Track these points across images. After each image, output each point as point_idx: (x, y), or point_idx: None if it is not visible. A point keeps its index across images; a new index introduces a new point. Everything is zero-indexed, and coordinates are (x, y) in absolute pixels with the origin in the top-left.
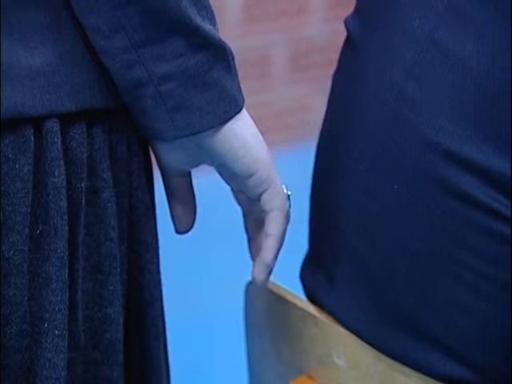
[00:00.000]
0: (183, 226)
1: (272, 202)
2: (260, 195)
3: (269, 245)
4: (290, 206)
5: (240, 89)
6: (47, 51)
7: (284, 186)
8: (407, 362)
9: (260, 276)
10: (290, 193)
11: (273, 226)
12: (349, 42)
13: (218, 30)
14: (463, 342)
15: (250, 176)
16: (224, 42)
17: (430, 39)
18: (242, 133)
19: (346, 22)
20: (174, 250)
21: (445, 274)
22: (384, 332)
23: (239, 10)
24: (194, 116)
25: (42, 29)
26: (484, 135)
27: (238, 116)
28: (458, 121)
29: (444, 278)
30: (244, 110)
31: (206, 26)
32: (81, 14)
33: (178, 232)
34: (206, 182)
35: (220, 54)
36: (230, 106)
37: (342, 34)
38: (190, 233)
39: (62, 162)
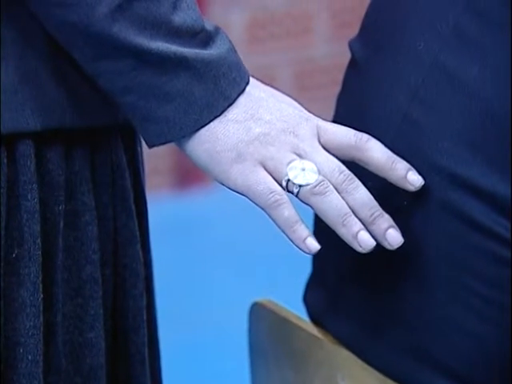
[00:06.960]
0: None
1: None
2: None
3: None
4: (297, 192)
5: (223, 92)
6: (9, 68)
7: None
8: None
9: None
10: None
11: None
12: (353, 64)
13: (194, 41)
14: (468, 366)
15: None
16: (187, 52)
17: (435, 63)
18: (194, 150)
19: (351, 45)
20: (179, 271)
21: (450, 298)
22: (388, 355)
23: (243, 30)
24: (162, 126)
25: (6, 44)
26: (489, 159)
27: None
28: (463, 145)
29: (449, 302)
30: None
31: (156, 43)
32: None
33: None
34: (216, 199)
35: (181, 65)
36: (202, 114)
37: (347, 55)
38: (196, 252)
39: (35, 186)
